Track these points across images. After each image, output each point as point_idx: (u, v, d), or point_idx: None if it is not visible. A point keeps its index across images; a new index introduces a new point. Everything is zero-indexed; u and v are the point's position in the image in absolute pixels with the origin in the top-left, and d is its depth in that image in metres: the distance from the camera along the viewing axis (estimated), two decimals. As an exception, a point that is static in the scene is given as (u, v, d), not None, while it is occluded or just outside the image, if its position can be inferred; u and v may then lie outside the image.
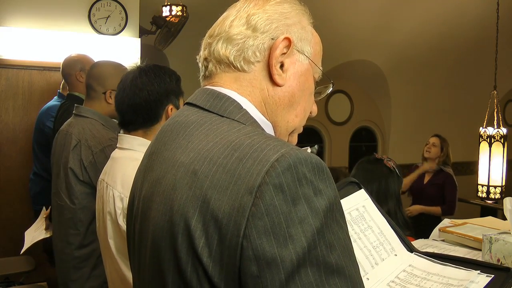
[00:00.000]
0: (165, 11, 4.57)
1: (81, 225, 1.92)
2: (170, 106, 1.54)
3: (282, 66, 0.81)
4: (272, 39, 0.79)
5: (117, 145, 1.59)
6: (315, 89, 0.90)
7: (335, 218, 0.65)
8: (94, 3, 4.00)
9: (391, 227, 1.09)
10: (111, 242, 1.49)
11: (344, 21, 5.70)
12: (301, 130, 0.89)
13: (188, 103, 0.84)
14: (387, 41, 6.20)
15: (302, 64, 0.83)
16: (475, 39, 6.20)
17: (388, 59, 6.54)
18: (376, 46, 6.27)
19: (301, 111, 0.85)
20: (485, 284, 0.93)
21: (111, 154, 1.61)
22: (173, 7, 4.53)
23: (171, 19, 4.55)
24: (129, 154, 1.52)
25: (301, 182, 0.63)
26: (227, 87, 0.80)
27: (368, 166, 2.08)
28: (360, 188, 1.11)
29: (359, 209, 1.07)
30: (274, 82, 0.80)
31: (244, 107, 0.78)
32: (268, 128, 0.81)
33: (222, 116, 0.76)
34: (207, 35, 0.84)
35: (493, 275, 0.95)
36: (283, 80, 0.81)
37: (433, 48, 6.34)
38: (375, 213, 1.09)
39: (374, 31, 5.96)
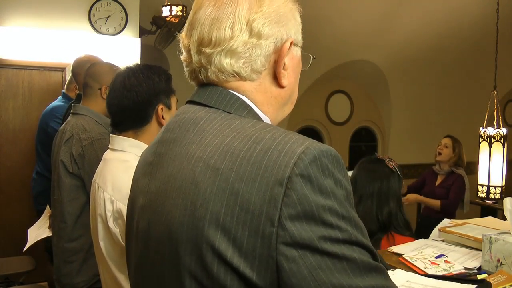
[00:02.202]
0: (165, 11, 4.57)
1: (69, 217, 1.94)
2: (161, 106, 1.52)
3: (283, 65, 0.81)
4: (276, 43, 0.79)
5: (109, 146, 1.59)
6: None
7: (351, 205, 0.69)
8: (94, 3, 4.00)
9: None
10: (102, 244, 1.48)
11: (345, 21, 5.70)
12: None
13: (190, 101, 0.83)
14: (387, 41, 6.20)
15: (297, 56, 0.85)
16: (475, 39, 6.19)
17: (388, 59, 6.54)
18: (376, 46, 6.27)
19: (295, 98, 0.88)
20: None
21: (103, 156, 1.60)
22: (173, 7, 4.53)
23: (171, 19, 4.55)
24: (120, 156, 1.52)
25: (325, 173, 0.66)
26: (229, 88, 0.80)
27: (369, 166, 2.08)
28: None
29: None
30: (279, 85, 0.81)
31: (248, 104, 0.79)
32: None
33: (230, 113, 0.77)
34: (196, 41, 0.79)
35: None
36: (287, 80, 0.82)
37: (433, 48, 6.34)
38: None
39: (374, 31, 5.96)
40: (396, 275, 1.12)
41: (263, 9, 0.78)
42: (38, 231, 2.44)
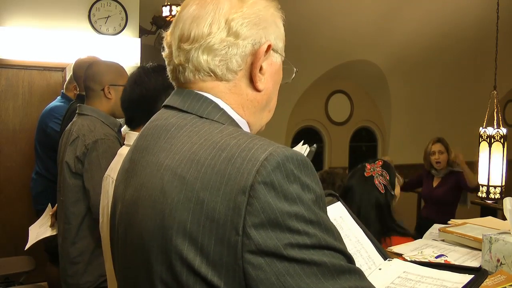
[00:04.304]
0: (165, 11, 4.58)
1: (73, 218, 1.94)
2: None
3: (260, 69, 0.80)
4: (253, 45, 0.79)
5: (125, 142, 1.62)
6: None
7: (322, 208, 0.68)
8: (94, 3, 4.00)
9: (367, 237, 1.17)
10: None
11: (345, 21, 5.70)
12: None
13: (165, 106, 0.84)
14: (387, 41, 6.20)
15: (277, 62, 0.84)
16: (475, 39, 6.19)
17: (388, 59, 6.54)
18: (376, 46, 6.27)
19: (273, 105, 0.88)
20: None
21: (118, 151, 1.63)
22: (173, 7, 4.54)
23: (171, 19, 4.55)
24: None
25: (290, 178, 0.65)
26: (204, 90, 0.80)
27: (360, 178, 2.09)
28: (338, 201, 1.18)
29: (337, 220, 1.14)
30: (255, 88, 0.81)
31: (221, 107, 0.79)
32: (245, 127, 0.82)
33: (201, 117, 0.77)
34: (177, 37, 0.80)
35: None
36: (263, 84, 0.81)
37: (433, 48, 6.34)
38: (352, 223, 1.17)
39: (374, 31, 5.96)
40: (393, 265, 1.12)
41: (244, 10, 0.79)
42: (40, 230, 2.43)
